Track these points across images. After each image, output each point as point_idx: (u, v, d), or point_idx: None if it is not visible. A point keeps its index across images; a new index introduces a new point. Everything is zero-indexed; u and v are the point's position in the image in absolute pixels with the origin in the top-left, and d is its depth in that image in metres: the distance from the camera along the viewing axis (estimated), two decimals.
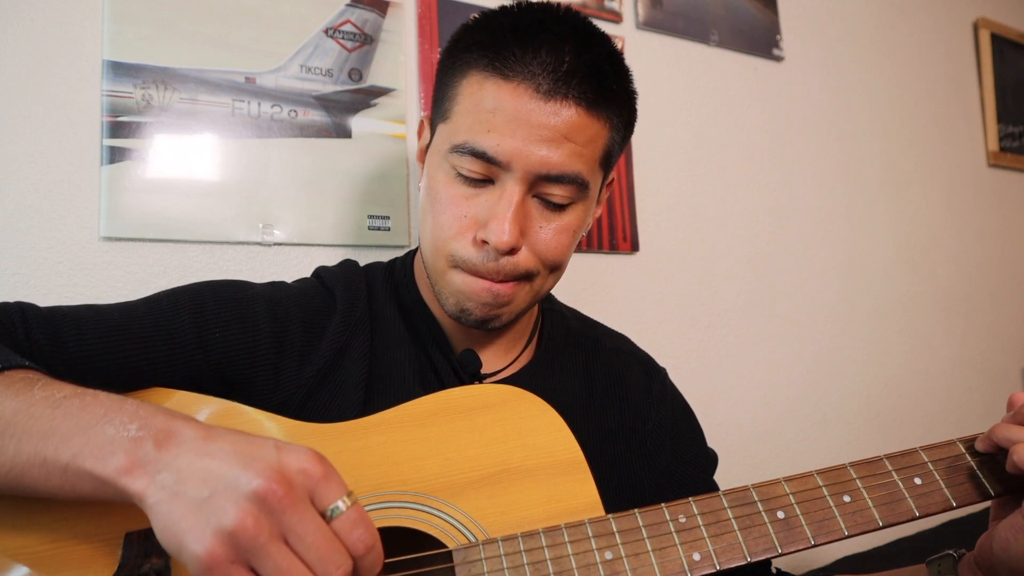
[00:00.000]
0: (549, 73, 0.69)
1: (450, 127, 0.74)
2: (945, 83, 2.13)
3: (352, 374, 0.78)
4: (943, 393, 1.97)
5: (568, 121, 0.70)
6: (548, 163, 0.71)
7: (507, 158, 0.70)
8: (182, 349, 0.72)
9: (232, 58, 1.09)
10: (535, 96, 0.69)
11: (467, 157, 0.72)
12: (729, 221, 1.61)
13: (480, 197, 0.73)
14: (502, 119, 0.70)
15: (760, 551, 0.62)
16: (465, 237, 0.74)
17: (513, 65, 0.70)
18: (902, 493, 0.65)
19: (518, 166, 0.71)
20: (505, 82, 0.70)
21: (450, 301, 0.78)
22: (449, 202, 0.74)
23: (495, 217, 0.71)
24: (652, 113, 1.52)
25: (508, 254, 0.73)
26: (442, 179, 0.75)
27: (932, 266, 2.00)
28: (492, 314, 0.77)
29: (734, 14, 1.66)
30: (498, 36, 0.72)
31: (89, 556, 0.60)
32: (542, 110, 0.70)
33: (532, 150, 0.70)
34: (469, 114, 0.72)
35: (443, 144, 0.75)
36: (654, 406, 0.91)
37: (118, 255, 1.00)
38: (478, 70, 0.72)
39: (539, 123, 0.70)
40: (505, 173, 0.72)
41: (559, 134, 0.70)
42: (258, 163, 1.09)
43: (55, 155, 0.97)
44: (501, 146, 0.70)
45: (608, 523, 0.63)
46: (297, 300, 0.80)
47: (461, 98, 0.73)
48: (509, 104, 0.70)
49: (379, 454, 0.68)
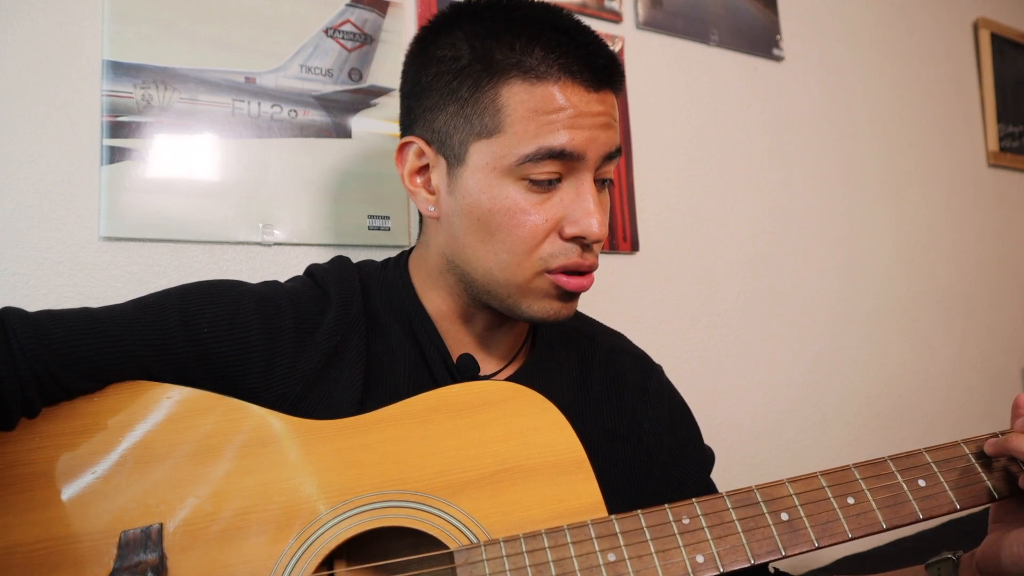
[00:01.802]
0: (587, 68, 0.74)
1: (506, 140, 0.74)
2: (945, 83, 2.13)
3: (348, 375, 0.77)
4: (943, 393, 1.97)
5: (611, 103, 0.78)
6: (610, 143, 0.77)
7: (583, 149, 0.74)
8: (169, 342, 0.71)
9: (232, 58, 1.08)
10: (587, 90, 0.74)
11: (544, 161, 0.73)
12: (729, 221, 1.61)
13: (553, 198, 0.75)
14: (567, 117, 0.73)
15: (764, 553, 0.61)
16: (551, 239, 0.76)
17: (550, 67, 0.73)
18: (906, 495, 0.64)
19: (592, 154, 0.75)
20: (556, 84, 0.73)
21: (536, 307, 0.78)
22: (526, 212, 0.75)
23: (585, 212, 0.75)
24: (652, 113, 1.52)
25: (595, 243, 0.78)
26: (509, 194, 0.75)
27: (932, 266, 2.00)
28: (574, 309, 0.81)
29: (734, 14, 1.66)
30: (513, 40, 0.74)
31: (84, 555, 0.60)
32: (595, 100, 0.75)
33: (598, 136, 0.75)
34: (529, 121, 0.73)
35: (500, 160, 0.74)
36: (651, 405, 0.91)
37: (118, 255, 0.99)
38: (518, 79, 0.73)
39: (596, 111, 0.75)
40: (577, 165, 0.75)
41: (610, 116, 0.77)
42: (258, 163, 1.09)
43: (55, 155, 0.97)
44: (575, 140, 0.73)
45: (611, 524, 0.63)
46: (289, 297, 0.79)
47: (509, 109, 0.73)
48: (569, 102, 0.73)
49: (379, 452, 0.68)
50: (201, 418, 0.69)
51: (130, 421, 0.68)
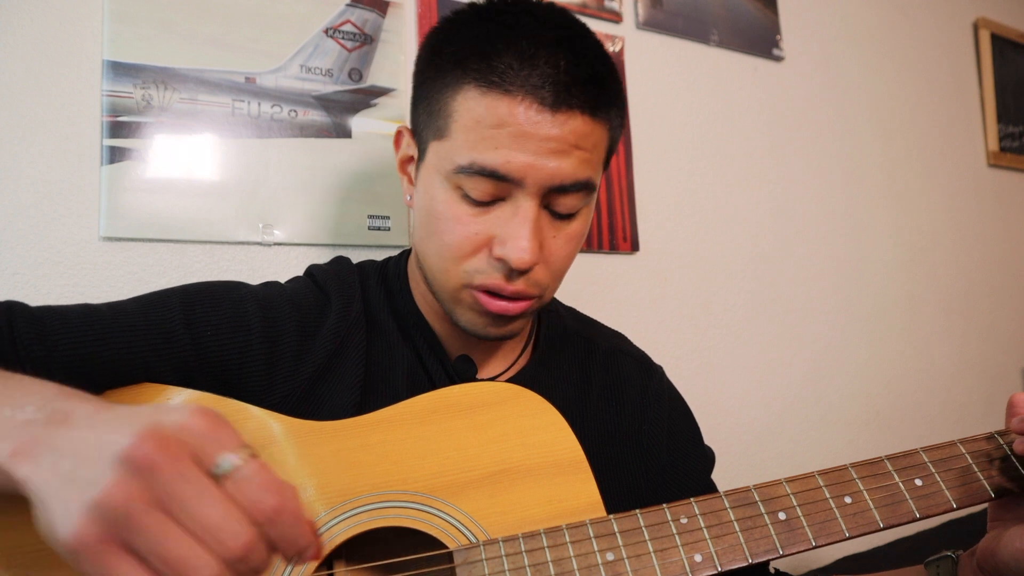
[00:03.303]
0: (551, 84, 0.67)
1: (449, 146, 0.71)
2: (945, 83, 2.13)
3: (347, 377, 0.77)
4: (943, 393, 1.97)
5: (575, 130, 0.68)
6: (560, 174, 0.69)
7: (520, 174, 0.68)
8: (174, 345, 0.71)
9: (232, 58, 1.09)
10: (540, 109, 0.67)
11: (476, 177, 0.69)
12: (729, 221, 1.61)
13: (491, 213, 0.71)
14: (508, 135, 0.67)
15: (762, 552, 0.62)
16: (480, 254, 0.72)
17: (512, 78, 0.67)
18: (903, 494, 0.65)
19: (531, 181, 0.68)
20: (506, 96, 0.67)
21: (464, 318, 0.77)
22: (456, 221, 0.71)
23: (514, 236, 0.69)
24: (652, 113, 1.52)
25: (524, 272, 0.72)
26: (444, 199, 0.72)
27: (932, 266, 2.00)
28: (506, 330, 0.77)
29: (734, 14, 1.66)
30: (487, 46, 0.69)
31: None
32: (549, 122, 0.67)
33: (543, 163, 0.68)
34: (471, 131, 0.69)
35: (442, 164, 0.72)
36: (650, 406, 0.91)
37: (118, 255, 0.99)
38: (473, 85, 0.68)
39: (547, 135, 0.67)
40: (517, 189, 0.69)
41: (568, 144, 0.68)
42: (258, 163, 1.09)
43: (55, 155, 0.97)
44: (512, 163, 0.68)
45: (609, 524, 0.63)
46: (290, 299, 0.79)
47: (458, 115, 0.70)
48: (514, 119, 0.67)
49: (378, 453, 0.68)
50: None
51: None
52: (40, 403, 0.48)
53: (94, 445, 0.43)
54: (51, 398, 0.49)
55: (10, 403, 0.49)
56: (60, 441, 0.44)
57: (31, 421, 0.46)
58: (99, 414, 0.46)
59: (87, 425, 0.45)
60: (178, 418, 0.44)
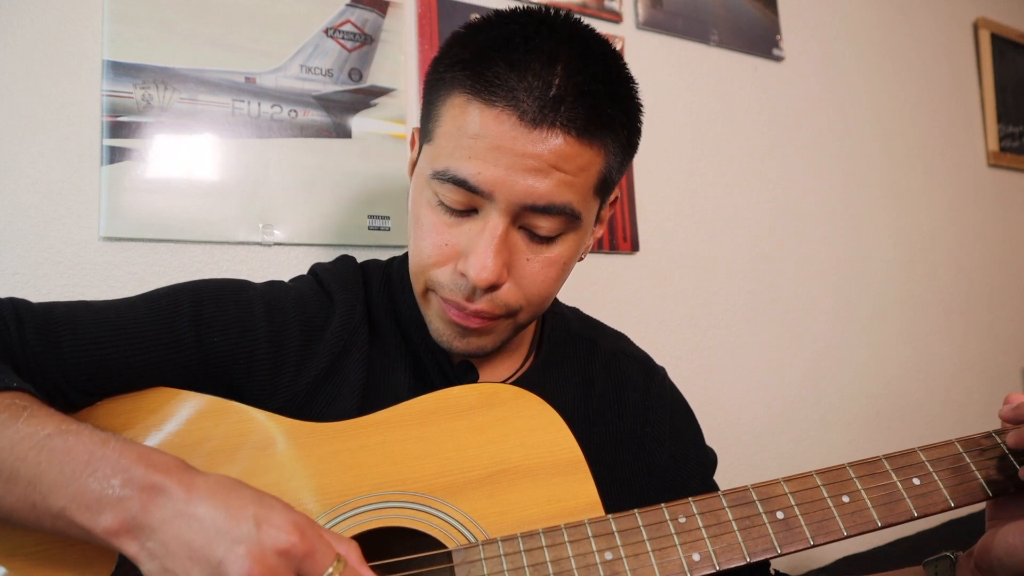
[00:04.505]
0: (535, 99, 0.64)
1: (432, 150, 0.71)
2: (945, 83, 2.13)
3: (349, 380, 0.77)
4: (943, 393, 1.97)
5: (556, 150, 0.65)
6: (534, 194, 0.66)
7: (489, 188, 0.66)
8: (180, 353, 0.71)
9: (232, 58, 1.09)
10: (519, 123, 0.64)
11: (448, 185, 0.68)
12: (729, 221, 1.61)
13: (464, 226, 0.70)
14: (484, 146, 0.65)
15: (759, 551, 0.62)
16: (446, 266, 0.71)
17: (497, 88, 0.65)
18: (900, 493, 0.65)
19: (501, 196, 0.66)
20: (488, 107, 0.65)
21: (432, 325, 0.77)
22: (431, 228, 0.71)
23: (476, 251, 0.68)
24: (652, 113, 1.50)
25: (489, 290, 0.70)
26: (424, 204, 0.72)
27: (932, 266, 2.00)
28: (475, 346, 0.76)
29: (734, 14, 1.66)
30: (483, 54, 0.67)
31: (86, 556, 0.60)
32: (527, 138, 0.65)
33: (516, 179, 0.66)
34: (451, 138, 0.68)
35: (426, 167, 0.71)
36: (652, 408, 0.90)
37: (118, 255, 1.00)
38: (462, 91, 0.67)
39: (523, 152, 0.65)
40: (488, 203, 0.68)
41: (546, 163, 0.65)
42: (258, 163, 1.09)
43: (55, 155, 0.97)
44: (483, 175, 0.66)
45: (608, 523, 0.63)
46: (295, 301, 0.79)
47: (444, 120, 0.69)
48: (491, 131, 0.65)
49: (378, 453, 0.68)
50: (206, 423, 0.69)
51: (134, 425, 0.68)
52: (124, 476, 0.54)
53: (207, 559, 0.50)
54: (130, 467, 0.54)
55: (93, 472, 0.54)
56: (163, 534, 0.52)
57: (124, 499, 0.53)
58: (191, 505, 0.53)
59: (187, 521, 0.52)
60: (277, 542, 0.52)
